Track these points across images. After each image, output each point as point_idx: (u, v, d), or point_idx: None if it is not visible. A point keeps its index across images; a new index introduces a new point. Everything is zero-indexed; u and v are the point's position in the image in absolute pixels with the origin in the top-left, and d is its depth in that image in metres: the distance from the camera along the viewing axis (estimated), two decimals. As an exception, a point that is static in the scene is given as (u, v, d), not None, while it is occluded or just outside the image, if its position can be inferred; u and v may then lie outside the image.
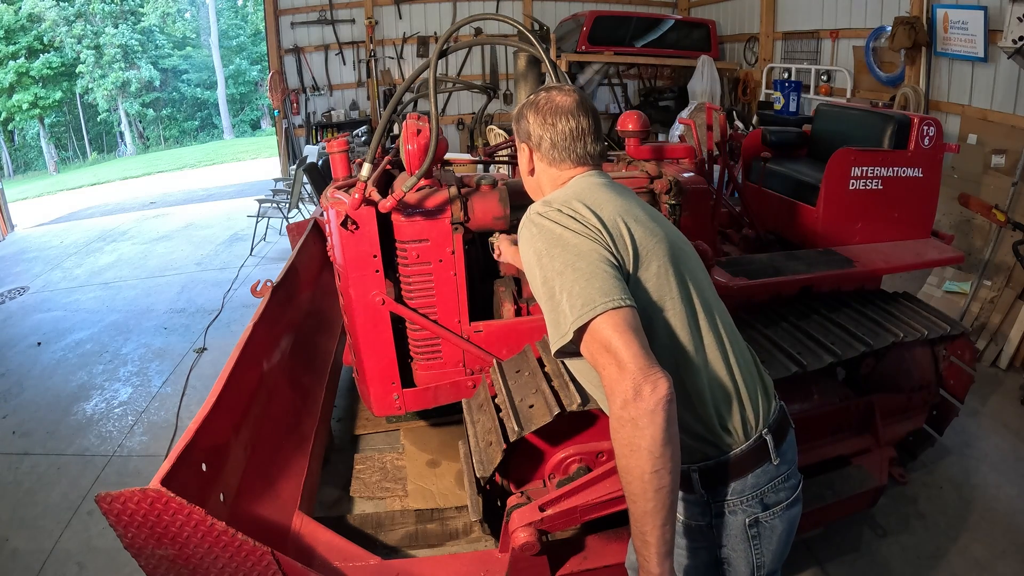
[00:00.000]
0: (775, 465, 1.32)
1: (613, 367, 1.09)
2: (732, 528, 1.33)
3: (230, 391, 2.17)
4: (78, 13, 22.25)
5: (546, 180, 1.46)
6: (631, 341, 1.09)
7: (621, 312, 1.11)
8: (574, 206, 1.27)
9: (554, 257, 1.19)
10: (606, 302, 1.11)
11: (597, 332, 1.11)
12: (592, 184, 1.36)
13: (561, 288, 1.16)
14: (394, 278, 2.56)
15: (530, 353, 2.40)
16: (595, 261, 1.17)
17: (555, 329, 1.18)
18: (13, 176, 21.56)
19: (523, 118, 1.44)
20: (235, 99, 27.19)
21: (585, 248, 1.19)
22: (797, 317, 2.68)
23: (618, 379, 1.08)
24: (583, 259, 1.17)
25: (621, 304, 1.12)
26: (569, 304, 1.14)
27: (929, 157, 3.01)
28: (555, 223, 1.23)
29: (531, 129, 1.42)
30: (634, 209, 1.32)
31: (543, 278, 1.20)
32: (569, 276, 1.16)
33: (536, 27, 8.02)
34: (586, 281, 1.14)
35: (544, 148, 1.42)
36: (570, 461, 2.24)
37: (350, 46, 9.69)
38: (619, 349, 1.08)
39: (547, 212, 1.27)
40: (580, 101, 1.41)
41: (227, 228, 7.90)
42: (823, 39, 7.35)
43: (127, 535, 1.58)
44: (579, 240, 1.20)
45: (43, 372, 4.37)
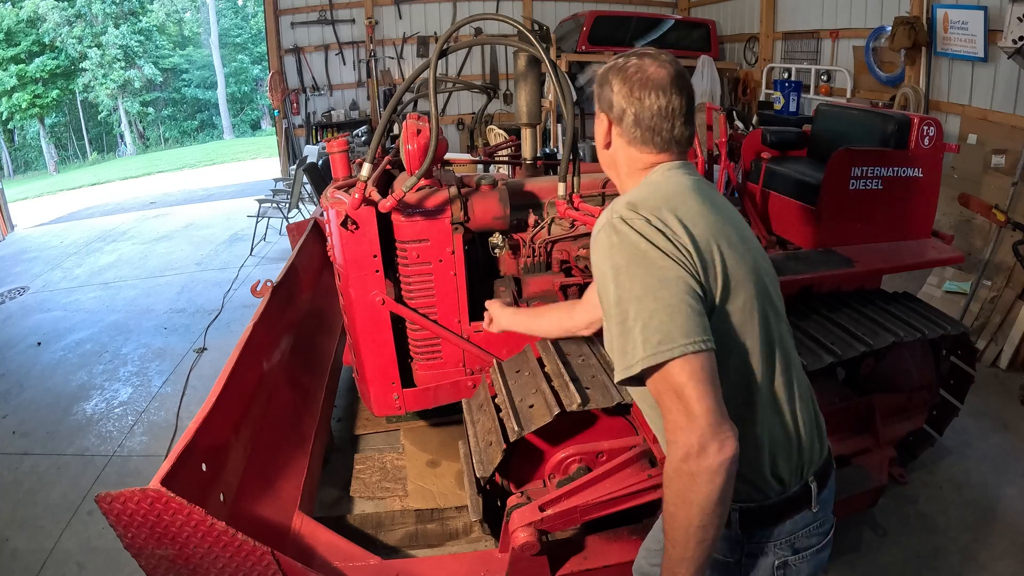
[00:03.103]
0: (813, 512, 1.27)
1: (681, 415, 1.02)
2: (760, 569, 1.28)
3: (230, 391, 2.17)
4: (78, 14, 22.25)
5: (623, 159, 1.30)
6: (706, 393, 1.01)
7: (700, 357, 1.02)
8: (665, 217, 1.12)
9: (634, 277, 1.07)
10: (686, 344, 1.01)
11: (670, 375, 1.02)
12: (681, 185, 1.21)
13: (637, 315, 1.05)
14: (394, 278, 2.56)
15: (530, 353, 2.40)
16: (680, 292, 1.05)
17: (621, 358, 1.08)
18: (13, 176, 21.56)
19: (607, 84, 1.25)
20: (236, 98, 27.19)
21: (672, 274, 1.06)
22: (797, 317, 2.68)
23: (685, 429, 1.01)
24: (667, 287, 1.05)
25: (702, 348, 1.02)
26: (643, 337, 1.03)
27: (929, 157, 3.01)
28: (641, 236, 1.09)
29: (614, 99, 1.24)
30: (727, 228, 1.19)
31: (617, 298, 1.08)
32: (649, 304, 1.04)
33: (536, 27, 8.01)
34: (667, 315, 1.03)
35: (626, 124, 1.24)
36: (570, 461, 2.24)
37: (350, 46, 9.69)
38: (692, 399, 1.01)
39: (633, 220, 1.11)
40: (676, 75, 1.22)
41: (227, 228, 7.90)
42: (823, 39, 7.35)
43: (127, 535, 1.58)
44: (666, 263, 1.07)
45: (43, 372, 4.37)
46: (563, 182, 2.25)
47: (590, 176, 2.93)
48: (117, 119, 24.95)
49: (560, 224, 2.73)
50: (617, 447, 2.20)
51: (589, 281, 2.74)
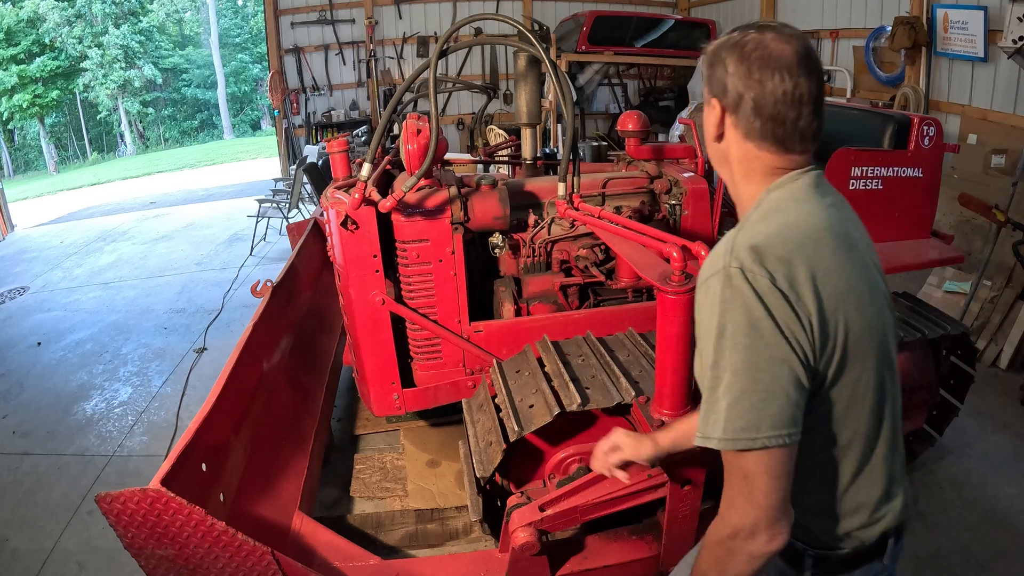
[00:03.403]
0: (882, 564, 1.19)
1: (743, 498, 0.99)
2: None
3: (230, 391, 2.17)
4: (78, 14, 22.26)
5: (737, 156, 1.10)
6: (775, 488, 0.96)
7: (780, 452, 0.96)
8: (794, 274, 0.97)
9: (738, 347, 0.96)
10: (771, 436, 0.94)
11: (744, 462, 0.97)
12: (817, 218, 1.03)
13: (728, 389, 0.96)
14: (394, 278, 2.56)
15: (530, 353, 2.40)
16: (782, 378, 0.95)
17: (702, 423, 1.00)
18: (13, 176, 21.57)
19: (720, 63, 1.05)
20: (236, 98, 27.19)
21: (780, 355, 0.95)
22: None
23: (742, 510, 0.98)
24: (771, 370, 0.95)
25: (785, 443, 0.95)
26: (727, 416, 0.96)
27: (929, 157, 3.01)
28: (759, 300, 0.95)
29: (728, 81, 1.04)
30: (860, 283, 1.03)
31: (714, 361, 0.98)
32: (744, 383, 0.95)
33: (536, 27, 8.01)
34: (761, 401, 0.94)
35: (743, 112, 1.04)
36: (570, 461, 2.24)
37: (350, 46, 9.69)
38: (758, 491, 0.96)
39: (755, 276, 0.96)
40: (804, 53, 1.01)
41: (227, 228, 7.90)
42: (823, 39, 7.35)
43: (127, 535, 1.58)
44: (777, 341, 0.95)
45: (43, 372, 4.37)
46: (563, 182, 2.25)
47: (590, 176, 2.93)
48: (117, 119, 24.96)
49: (560, 224, 2.73)
50: (617, 447, 2.20)
51: (589, 281, 2.75)
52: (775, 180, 1.07)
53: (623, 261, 2.69)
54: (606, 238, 2.31)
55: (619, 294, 2.82)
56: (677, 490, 1.95)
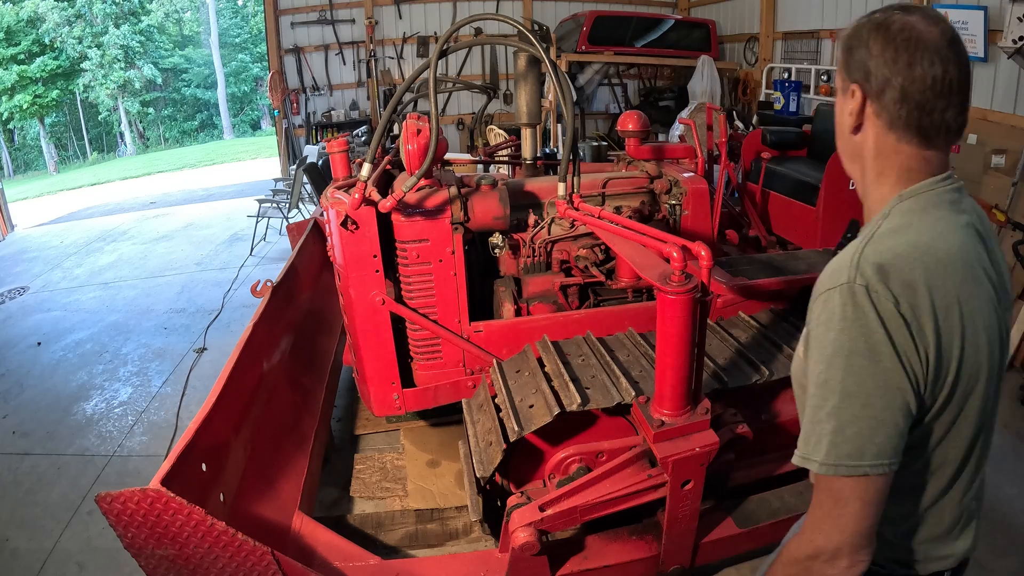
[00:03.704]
0: None
1: (830, 521, 0.96)
2: None
3: (230, 391, 2.17)
4: (78, 14, 22.26)
5: (873, 150, 1.02)
6: (867, 516, 0.95)
7: (879, 480, 0.94)
8: (918, 301, 0.92)
9: (852, 370, 0.92)
10: (873, 465, 0.92)
11: (840, 487, 0.95)
12: (948, 241, 0.97)
13: (835, 412, 0.93)
14: (394, 278, 2.56)
15: (530, 353, 2.40)
16: (894, 406, 0.92)
17: (803, 441, 0.98)
18: (13, 176, 21.57)
19: (861, 46, 0.97)
20: (236, 98, 27.20)
21: (894, 382, 0.92)
22: (797, 317, 2.68)
23: (828, 533, 0.97)
24: (884, 398, 0.92)
25: (884, 472, 0.93)
26: (831, 440, 0.93)
27: (929, 157, 3.01)
28: (881, 323, 0.91)
29: (872, 65, 0.96)
30: (979, 321, 0.97)
31: (825, 379, 0.95)
32: (855, 408, 0.92)
33: (536, 27, 8.02)
34: (869, 429, 0.92)
35: (888, 99, 0.96)
36: (570, 461, 2.24)
37: (350, 46, 9.69)
38: (850, 516, 0.94)
39: (878, 297, 0.91)
40: (952, 37, 0.94)
41: (227, 228, 7.90)
42: (823, 39, 7.35)
43: (127, 535, 1.58)
44: (894, 367, 0.91)
45: (43, 372, 4.37)
46: (563, 182, 2.25)
47: (590, 176, 2.94)
48: (117, 119, 24.96)
49: (560, 224, 2.73)
50: (617, 447, 2.20)
51: (589, 281, 2.75)
52: (910, 185, 1.00)
53: (623, 261, 2.69)
54: (606, 238, 2.31)
55: (619, 294, 2.82)
56: (677, 490, 1.95)
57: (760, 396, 2.48)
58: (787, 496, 2.42)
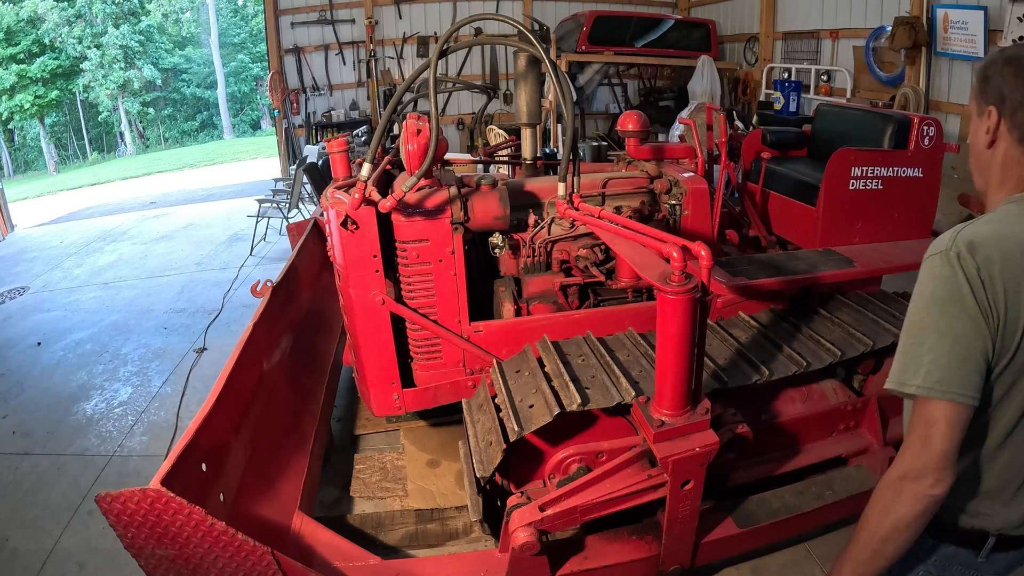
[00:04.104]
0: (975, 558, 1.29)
1: (919, 443, 1.14)
2: None
3: (230, 391, 2.17)
4: (78, 14, 22.26)
5: (1001, 162, 1.21)
6: (951, 437, 1.12)
7: (961, 409, 1.12)
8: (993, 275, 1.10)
9: (946, 315, 1.12)
10: (959, 393, 1.10)
11: (931, 410, 1.13)
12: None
13: (932, 348, 1.13)
14: (394, 278, 2.56)
15: (530, 353, 2.40)
16: (976, 348, 1.11)
17: (900, 372, 1.16)
18: (13, 176, 21.58)
19: (998, 75, 1.18)
20: (236, 97, 27.20)
21: (977, 330, 1.11)
22: (797, 317, 2.68)
23: (916, 455, 1.14)
24: (968, 340, 1.11)
25: (967, 403, 1.11)
26: (927, 369, 1.12)
27: (929, 157, 3.01)
28: (967, 281, 1.10)
29: (1007, 91, 1.16)
30: None
31: (924, 322, 1.15)
32: (947, 345, 1.12)
33: (536, 27, 8.02)
34: (957, 363, 1.11)
35: (1020, 118, 1.15)
36: (570, 461, 2.24)
37: (350, 46, 9.69)
38: (936, 438, 1.12)
39: (966, 263, 1.11)
40: None
41: (227, 228, 7.90)
42: (823, 39, 7.35)
43: (127, 535, 1.58)
44: (978, 319, 1.11)
45: (43, 372, 4.37)
46: (563, 182, 2.25)
47: (590, 176, 2.93)
48: (117, 119, 24.96)
49: (560, 224, 2.73)
50: (617, 447, 2.20)
51: (589, 281, 2.75)
52: (1020, 192, 1.19)
53: (623, 261, 2.69)
54: (606, 238, 2.31)
55: (619, 294, 2.82)
56: (677, 490, 1.95)
57: (760, 396, 2.48)
58: (787, 496, 2.42)
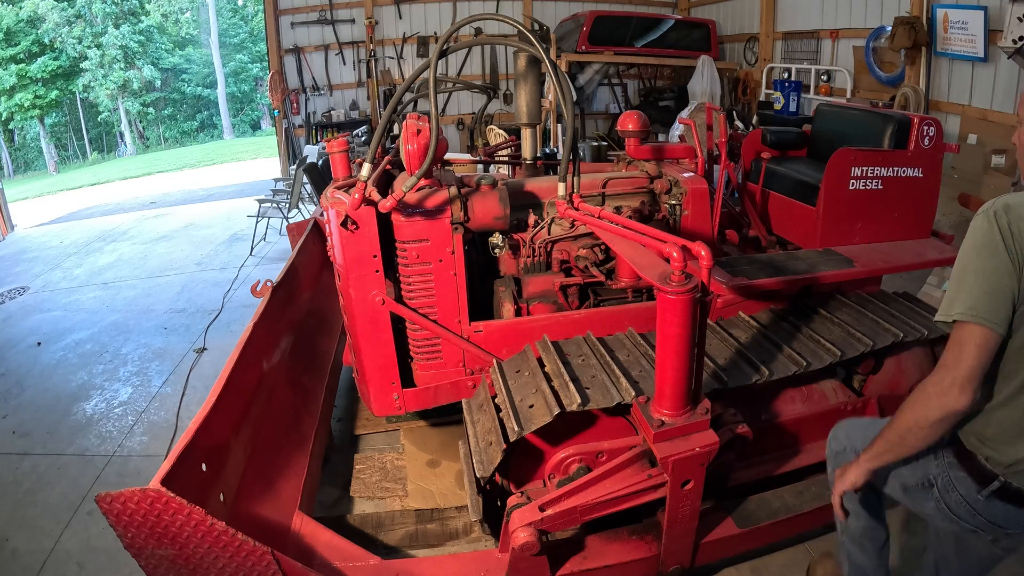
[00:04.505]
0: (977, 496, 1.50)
1: (953, 359, 1.37)
2: None
3: (230, 391, 2.17)
4: (78, 14, 22.26)
5: None
6: (977, 357, 1.35)
7: (989, 334, 1.35)
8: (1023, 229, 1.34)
9: (982, 257, 1.38)
10: (987, 320, 1.34)
11: (964, 332, 1.36)
12: None
13: (972, 284, 1.37)
14: (394, 278, 2.56)
15: (530, 353, 2.40)
16: (1005, 285, 1.35)
17: (947, 305, 1.40)
18: (13, 176, 21.57)
19: None
20: (235, 97, 27.19)
21: (1007, 270, 1.35)
22: (797, 317, 2.68)
23: (948, 369, 1.37)
24: (999, 278, 1.35)
25: (994, 329, 1.34)
26: (963, 299, 1.37)
27: (929, 157, 3.01)
28: (1000, 233, 1.36)
29: None
30: None
31: (964, 265, 1.40)
32: (981, 282, 1.37)
33: (536, 27, 8.02)
34: (988, 296, 1.35)
35: None
36: (570, 461, 2.24)
37: (350, 46, 9.69)
38: (966, 356, 1.35)
39: (1001, 218, 1.36)
40: None
41: (227, 228, 7.90)
42: (823, 39, 7.35)
43: (127, 535, 1.58)
44: (1009, 261, 1.35)
45: (43, 372, 4.37)
46: (563, 182, 2.25)
47: (590, 176, 2.93)
48: (117, 119, 24.96)
49: (560, 224, 2.73)
50: (617, 447, 2.20)
51: (589, 281, 2.75)
52: None
53: (623, 261, 2.69)
54: (606, 238, 2.31)
55: (619, 294, 2.82)
56: (677, 490, 1.95)
57: (760, 396, 2.48)
58: (787, 496, 2.43)
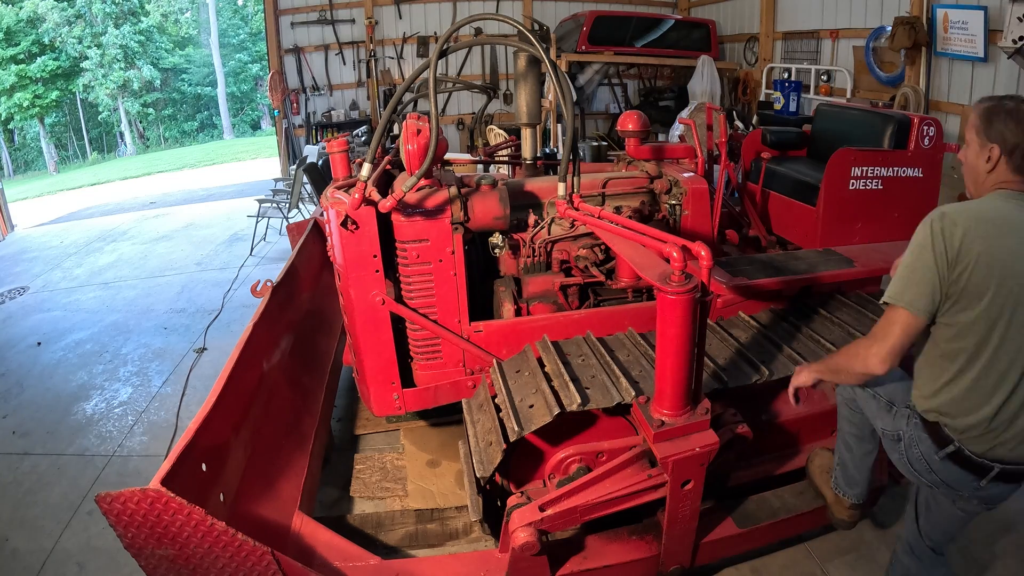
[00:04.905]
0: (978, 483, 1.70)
1: (881, 333, 1.66)
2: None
3: (230, 391, 2.17)
4: (78, 14, 22.26)
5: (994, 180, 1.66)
6: (900, 337, 1.62)
7: (912, 317, 1.61)
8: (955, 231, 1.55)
9: (913, 253, 1.62)
10: (908, 303, 1.60)
11: (892, 313, 1.64)
12: (998, 210, 1.59)
13: (903, 275, 1.63)
14: (394, 278, 2.56)
15: (530, 353, 2.40)
16: (928, 278, 1.58)
17: (889, 288, 1.66)
18: (13, 176, 21.57)
19: (1000, 123, 1.62)
20: (235, 97, 27.18)
21: (930, 265, 1.58)
22: (797, 317, 2.68)
23: (877, 338, 1.66)
24: (924, 272, 1.59)
25: (916, 314, 1.60)
26: (895, 286, 1.64)
27: (929, 157, 3.01)
28: (932, 234, 1.58)
29: (1008, 135, 1.61)
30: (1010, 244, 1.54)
31: (905, 260, 1.64)
32: (908, 272, 1.62)
33: (536, 27, 8.02)
34: (913, 284, 1.61)
35: (1017, 154, 1.61)
36: (570, 461, 2.24)
37: (350, 46, 9.69)
38: (891, 334, 1.63)
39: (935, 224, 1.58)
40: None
41: (227, 228, 7.90)
42: (823, 39, 7.35)
43: (127, 535, 1.58)
44: (932, 259, 1.57)
45: (43, 372, 4.37)
46: (563, 182, 2.25)
47: (590, 176, 2.94)
48: (117, 119, 24.95)
49: (560, 224, 2.73)
50: (617, 447, 2.20)
51: (589, 281, 2.75)
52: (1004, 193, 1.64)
53: (623, 261, 2.69)
54: (606, 238, 2.31)
55: (619, 294, 2.82)
56: (677, 490, 1.95)
57: (760, 396, 2.48)
58: (787, 496, 2.43)
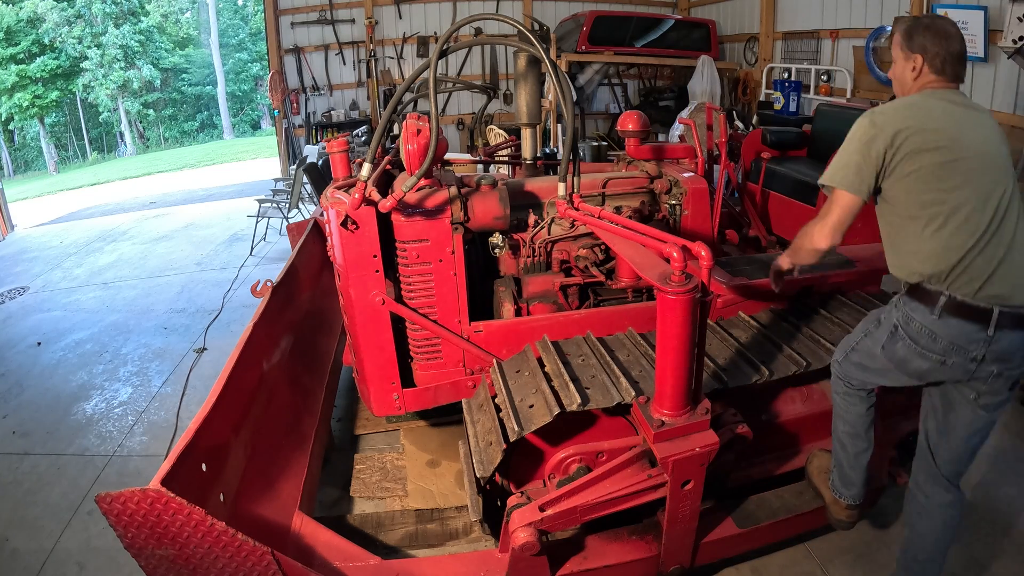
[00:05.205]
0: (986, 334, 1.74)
1: (826, 212, 1.86)
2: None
3: (230, 391, 2.17)
4: (78, 14, 22.26)
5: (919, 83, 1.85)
6: (839, 215, 1.82)
7: (848, 198, 1.80)
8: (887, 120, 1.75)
9: (850, 142, 1.81)
10: (842, 183, 1.80)
11: (834, 195, 1.84)
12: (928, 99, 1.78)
13: (840, 156, 1.83)
14: (394, 278, 2.56)
15: (530, 353, 2.40)
16: (864, 158, 1.76)
17: (827, 171, 1.86)
18: (13, 176, 21.57)
19: (919, 35, 1.82)
20: (235, 97, 27.18)
21: (863, 147, 1.76)
22: (797, 317, 2.68)
23: (823, 217, 1.85)
24: (858, 153, 1.78)
25: (850, 192, 1.79)
26: (836, 170, 1.82)
27: (929, 157, 3.00)
28: (867, 124, 1.77)
29: (928, 44, 1.80)
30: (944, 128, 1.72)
31: (843, 148, 1.83)
32: (843, 159, 1.81)
33: (536, 27, 8.02)
34: (851, 167, 1.79)
35: (937, 60, 1.80)
36: (570, 461, 2.24)
37: (350, 46, 9.69)
38: (834, 213, 1.83)
39: (868, 116, 1.79)
40: (959, 32, 1.83)
41: (227, 228, 7.90)
42: (823, 39, 7.35)
43: (127, 535, 1.58)
44: (867, 142, 1.76)
45: (43, 372, 4.37)
46: (563, 182, 2.25)
47: (590, 176, 2.94)
48: (117, 119, 24.96)
49: (560, 224, 2.73)
50: (617, 447, 2.20)
51: (589, 281, 2.75)
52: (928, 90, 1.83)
53: (623, 261, 2.69)
54: (606, 238, 2.31)
55: (619, 294, 2.82)
56: (677, 490, 1.95)
57: (760, 396, 2.48)
58: (787, 496, 2.43)
